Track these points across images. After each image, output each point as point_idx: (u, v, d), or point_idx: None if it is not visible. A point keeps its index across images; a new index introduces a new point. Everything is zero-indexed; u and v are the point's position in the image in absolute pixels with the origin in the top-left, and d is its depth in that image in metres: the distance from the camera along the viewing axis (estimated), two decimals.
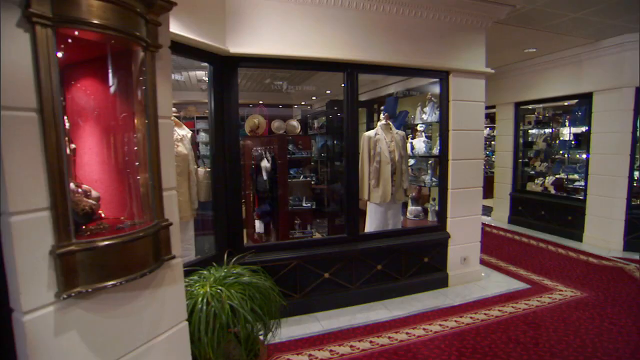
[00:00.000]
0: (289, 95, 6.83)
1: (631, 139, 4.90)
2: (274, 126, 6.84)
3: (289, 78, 6.56)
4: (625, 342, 2.93)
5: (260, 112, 5.72)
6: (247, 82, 6.87)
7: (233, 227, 3.23)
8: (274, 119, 6.79)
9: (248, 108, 6.41)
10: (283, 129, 6.50)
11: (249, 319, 2.09)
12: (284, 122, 6.63)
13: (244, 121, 5.79)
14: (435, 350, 2.84)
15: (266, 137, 4.47)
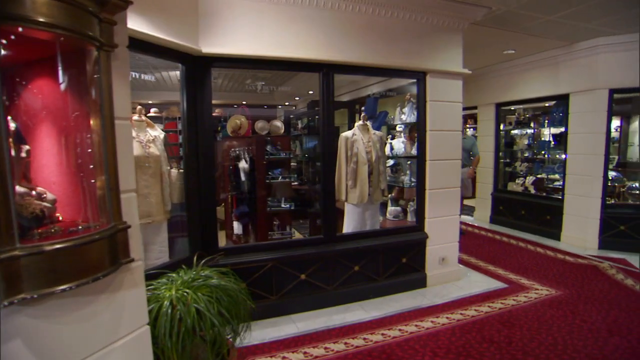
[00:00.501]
0: (272, 95, 6.81)
1: (605, 139, 4.99)
2: (257, 127, 6.79)
3: (270, 78, 6.52)
4: (594, 338, 2.97)
5: (242, 113, 5.68)
6: (229, 82, 6.83)
7: (207, 229, 3.19)
8: (257, 119, 6.75)
9: (232, 108, 6.37)
10: (266, 130, 6.45)
11: (215, 322, 2.05)
12: (268, 123, 6.60)
13: (226, 122, 5.75)
14: (409, 351, 2.84)
15: (244, 138, 4.42)
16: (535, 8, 3.84)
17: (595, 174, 5.10)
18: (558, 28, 4.43)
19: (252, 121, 6.70)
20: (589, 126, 5.11)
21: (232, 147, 4.45)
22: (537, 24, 4.29)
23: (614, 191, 5.38)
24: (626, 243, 5.00)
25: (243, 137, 4.91)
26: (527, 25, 4.38)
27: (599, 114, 5.00)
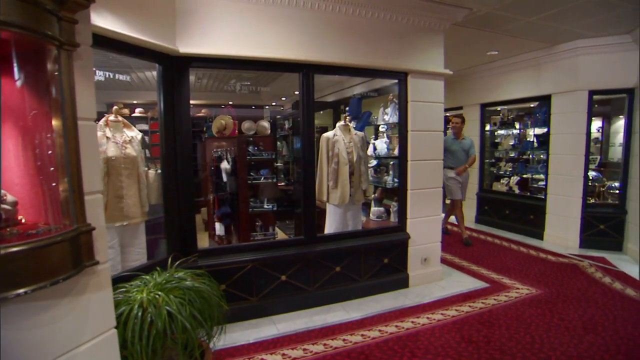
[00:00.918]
0: (258, 95, 6.78)
1: (585, 140, 5.06)
2: (244, 127, 6.76)
3: (255, 78, 6.47)
4: (570, 336, 3.01)
5: (227, 113, 5.65)
6: (214, 82, 6.78)
7: (186, 230, 3.16)
8: (244, 119, 6.72)
9: (220, 108, 6.34)
10: (253, 130, 6.43)
11: (187, 325, 2.03)
12: (255, 123, 6.56)
13: (212, 122, 5.72)
14: (388, 352, 2.84)
15: (226, 139, 4.39)
16: (516, 10, 3.88)
17: (576, 174, 5.17)
18: (539, 30, 4.48)
19: (239, 121, 6.68)
20: (570, 127, 5.18)
21: (215, 147, 4.42)
22: (518, 25, 4.33)
23: (594, 191, 5.46)
24: (606, 241, 5.08)
25: (227, 137, 4.89)
26: (508, 27, 4.41)
27: (580, 115, 5.06)
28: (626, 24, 4.34)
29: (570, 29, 4.41)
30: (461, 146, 5.60)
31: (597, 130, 7.18)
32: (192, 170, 3.21)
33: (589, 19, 4.12)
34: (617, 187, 5.26)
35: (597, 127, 7.19)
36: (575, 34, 4.62)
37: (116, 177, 2.86)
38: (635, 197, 4.80)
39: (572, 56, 5.01)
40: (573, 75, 5.05)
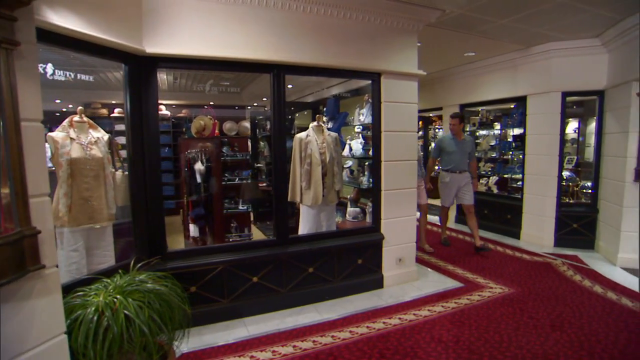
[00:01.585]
0: (239, 96, 6.74)
1: (559, 140, 5.14)
2: (226, 127, 6.72)
3: (235, 78, 6.43)
4: (537, 334, 3.05)
5: (207, 114, 5.60)
6: (192, 82, 6.71)
7: (154, 232, 3.12)
8: (226, 120, 6.68)
9: (200, 109, 6.28)
10: (235, 131, 6.39)
11: (144, 329, 2.00)
12: (236, 124, 6.52)
13: (191, 122, 5.66)
14: (356, 352, 2.83)
15: (200, 139, 4.35)
16: (487, 11, 3.91)
17: (551, 174, 5.25)
18: (512, 32, 4.54)
19: (221, 122, 6.63)
20: (545, 127, 5.26)
21: (189, 148, 4.37)
22: (491, 27, 4.38)
23: (568, 190, 5.55)
24: (579, 240, 5.17)
25: (202, 138, 4.84)
26: (482, 29, 4.46)
27: (554, 116, 5.14)
28: (594, 28, 4.43)
29: (542, 31, 4.48)
30: (461, 147, 5.14)
31: (573, 131, 7.31)
32: (161, 172, 3.16)
33: (558, 23, 4.19)
34: (589, 187, 5.36)
35: (573, 128, 7.32)
36: (548, 36, 4.69)
37: (81, 179, 2.80)
38: (606, 196, 4.89)
39: (545, 58, 5.09)
40: (547, 76, 5.13)
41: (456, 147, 5.13)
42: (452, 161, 5.13)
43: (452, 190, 5.22)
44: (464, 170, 5.17)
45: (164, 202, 3.18)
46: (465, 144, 5.17)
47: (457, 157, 5.12)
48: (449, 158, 5.17)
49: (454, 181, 5.18)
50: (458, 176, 5.18)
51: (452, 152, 5.13)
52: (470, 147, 5.22)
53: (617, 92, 4.60)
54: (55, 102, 5.54)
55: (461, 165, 5.15)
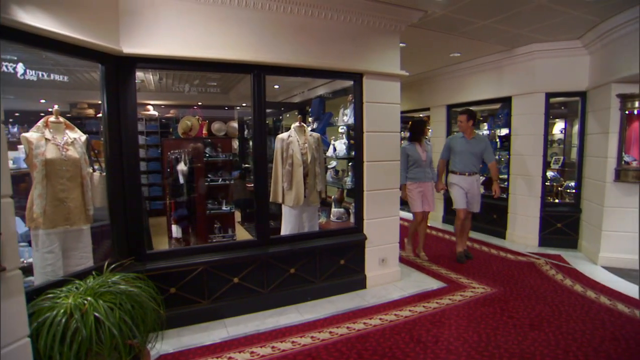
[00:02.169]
0: (227, 96, 6.71)
1: (543, 140, 5.18)
2: (214, 128, 6.70)
3: (221, 79, 6.42)
4: (516, 333, 3.07)
5: (194, 114, 5.58)
6: (179, 83, 6.68)
7: (133, 233, 3.10)
8: (214, 120, 6.65)
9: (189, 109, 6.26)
10: (224, 131, 6.36)
11: (114, 331, 1.98)
12: (225, 124, 6.50)
13: (178, 123, 5.64)
14: (335, 353, 2.83)
15: (183, 140, 4.34)
16: (469, 13, 3.94)
17: (536, 174, 5.29)
18: (495, 33, 4.57)
19: (209, 122, 6.60)
20: (529, 128, 5.30)
21: (172, 149, 4.35)
22: (474, 28, 4.41)
23: (552, 190, 5.60)
24: (562, 239, 5.22)
25: (189, 139, 4.83)
26: (465, 29, 4.48)
27: (538, 117, 5.19)
28: (574, 30, 4.47)
29: (524, 33, 4.52)
30: (470, 147, 4.70)
31: (560, 131, 7.38)
32: (140, 173, 3.15)
33: (539, 24, 4.23)
34: (573, 187, 5.40)
35: (560, 129, 7.39)
36: (531, 37, 4.73)
37: (56, 180, 2.76)
38: (588, 196, 4.94)
39: (529, 59, 5.14)
40: (530, 77, 5.17)
41: (465, 147, 4.73)
42: (460, 162, 4.75)
43: (461, 191, 4.75)
44: (473, 172, 4.73)
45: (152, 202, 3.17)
46: (475, 143, 4.72)
47: (465, 157, 4.71)
48: (456, 159, 4.79)
49: (462, 183, 4.74)
50: (467, 179, 4.71)
51: (460, 153, 4.74)
52: (481, 147, 4.71)
53: (598, 94, 4.65)
54: (40, 102, 5.50)
55: (470, 167, 4.71)
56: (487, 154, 4.75)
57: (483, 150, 4.72)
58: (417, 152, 4.72)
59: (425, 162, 4.74)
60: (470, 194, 4.74)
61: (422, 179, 4.74)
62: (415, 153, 4.72)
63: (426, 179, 4.76)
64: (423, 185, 4.75)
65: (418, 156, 4.71)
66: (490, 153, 4.75)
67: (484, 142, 4.78)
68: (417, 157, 4.71)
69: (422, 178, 4.74)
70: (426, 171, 4.76)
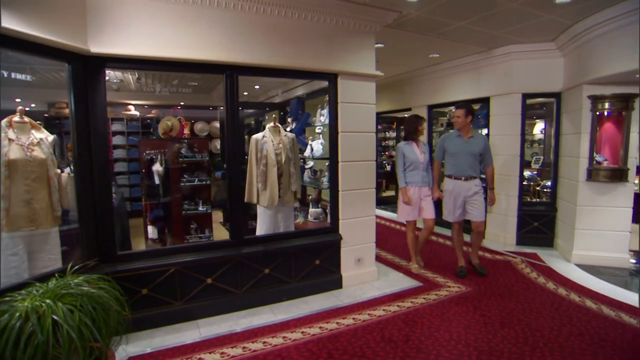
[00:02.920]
0: (210, 96, 6.68)
1: (520, 141, 5.26)
2: (197, 128, 6.66)
3: (202, 79, 6.39)
4: (487, 331, 3.11)
5: (174, 114, 5.54)
6: (160, 83, 6.63)
7: (104, 235, 3.07)
8: (197, 120, 6.61)
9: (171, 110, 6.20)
10: (206, 131, 6.34)
11: (72, 334, 1.95)
12: (208, 124, 6.47)
13: (158, 123, 5.60)
14: (305, 353, 2.83)
15: (159, 141, 4.31)
16: (444, 14, 3.97)
17: (513, 174, 5.36)
18: (471, 34, 4.61)
19: (192, 123, 6.56)
20: (507, 128, 5.37)
21: (148, 149, 4.32)
22: (450, 29, 4.45)
23: (529, 189, 5.68)
24: (539, 238, 5.30)
25: (164, 139, 4.80)
26: (442, 31, 4.52)
27: (515, 117, 5.26)
28: (548, 32, 4.55)
29: (499, 34, 4.57)
30: (468, 148, 4.10)
31: (540, 131, 7.49)
32: (109, 173, 3.11)
33: (513, 26, 4.28)
34: (549, 186, 5.49)
35: (540, 129, 7.50)
36: (507, 39, 4.79)
37: (21, 181, 2.72)
38: (563, 195, 5.03)
39: (506, 60, 5.20)
40: (507, 78, 5.24)
41: (461, 147, 4.10)
42: (455, 165, 4.15)
43: (456, 201, 4.19)
44: (470, 176, 4.11)
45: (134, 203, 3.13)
46: (474, 143, 4.10)
47: (461, 159, 4.11)
48: (451, 161, 4.19)
49: (457, 190, 4.16)
50: (463, 184, 4.13)
51: (456, 154, 4.14)
52: (479, 148, 4.11)
53: (571, 95, 4.74)
54: (15, 101, 5.41)
55: (466, 170, 4.11)
56: (487, 156, 4.19)
57: (482, 151, 4.13)
58: (414, 152, 4.28)
59: (423, 165, 4.27)
60: (469, 202, 4.17)
61: (419, 183, 4.28)
62: (412, 153, 4.27)
63: (423, 183, 4.31)
64: (420, 191, 4.32)
65: (415, 157, 4.26)
66: (489, 155, 4.20)
67: (484, 141, 4.19)
68: (414, 158, 4.26)
69: (418, 182, 4.27)
70: (424, 175, 4.30)
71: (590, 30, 4.04)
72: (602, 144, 4.39)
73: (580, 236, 4.54)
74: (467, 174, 4.13)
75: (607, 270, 4.39)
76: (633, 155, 4.30)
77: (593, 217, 4.47)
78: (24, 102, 6.09)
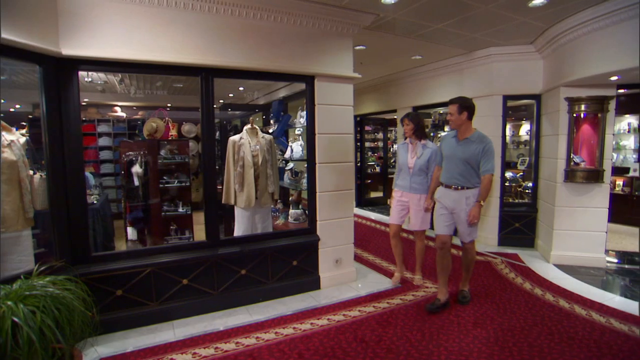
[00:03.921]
0: (197, 98, 6.68)
1: (501, 142, 5.30)
2: (184, 129, 6.66)
3: (186, 81, 6.41)
4: (459, 331, 3.14)
5: (159, 116, 5.55)
6: (145, 84, 6.64)
7: (76, 236, 3.07)
8: (184, 122, 6.60)
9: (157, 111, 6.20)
10: (194, 133, 6.34)
11: (32, 336, 1.96)
12: (196, 126, 6.48)
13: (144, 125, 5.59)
14: (277, 353, 2.85)
15: (137, 142, 4.31)
16: (420, 16, 4.01)
17: (495, 175, 5.38)
18: (450, 36, 4.65)
19: (179, 124, 6.56)
20: (488, 129, 5.34)
21: (128, 151, 4.33)
22: (429, 31, 4.48)
23: (511, 190, 5.72)
24: (520, 239, 5.34)
25: (143, 141, 4.80)
26: (421, 33, 4.56)
27: (496, 119, 5.30)
28: (526, 35, 4.59)
29: (478, 37, 4.61)
30: (459, 151, 3.35)
31: (526, 133, 7.56)
32: (83, 175, 3.12)
33: (490, 29, 4.33)
34: (530, 187, 5.54)
35: (526, 130, 7.57)
36: (487, 41, 4.83)
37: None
38: (543, 196, 5.07)
39: (487, 62, 5.25)
40: (488, 80, 5.28)
41: (452, 151, 3.40)
42: (446, 170, 3.47)
43: (445, 213, 3.49)
44: (462, 186, 3.36)
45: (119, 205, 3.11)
46: (465, 146, 3.34)
47: (451, 164, 3.41)
48: (444, 165, 3.52)
49: (444, 200, 3.48)
50: (451, 194, 3.42)
51: (448, 158, 3.46)
52: (473, 152, 3.31)
53: (550, 97, 4.79)
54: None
55: (456, 178, 3.38)
56: (483, 162, 3.31)
57: (478, 156, 3.30)
58: (406, 154, 3.91)
59: (413, 170, 3.83)
60: (456, 215, 3.43)
61: (406, 189, 3.90)
62: (402, 155, 3.93)
63: (412, 190, 3.86)
64: (406, 197, 3.95)
65: (403, 160, 3.92)
66: (487, 161, 3.30)
67: (482, 144, 3.31)
68: (402, 161, 3.93)
69: (405, 187, 3.91)
70: (414, 180, 3.85)
71: (565, 33, 4.09)
72: (580, 146, 4.43)
73: (559, 236, 4.59)
74: (457, 182, 3.38)
75: (584, 270, 4.44)
76: (608, 156, 4.35)
77: (571, 218, 4.51)
78: (8, 102, 6.10)
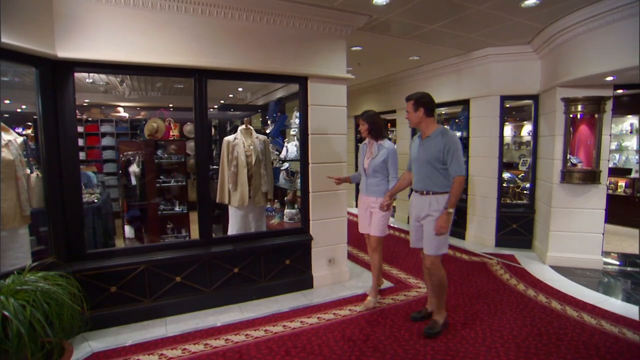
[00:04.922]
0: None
1: (499, 142, 5.28)
2: (186, 129, 6.77)
3: (186, 82, 6.47)
4: (447, 331, 3.15)
5: (160, 116, 5.64)
6: (147, 85, 6.74)
7: (72, 234, 3.15)
8: (185, 122, 6.71)
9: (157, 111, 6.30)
10: None
11: (21, 329, 2.03)
12: None
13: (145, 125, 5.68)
14: (264, 350, 2.89)
15: (135, 142, 4.40)
16: (413, 17, 4.02)
17: (492, 176, 5.39)
18: (446, 37, 4.66)
19: (181, 124, 6.66)
20: (486, 130, 5.40)
21: (126, 151, 4.41)
22: (424, 32, 4.49)
23: (509, 191, 5.70)
24: (517, 240, 5.32)
25: (140, 141, 4.89)
26: (417, 33, 4.57)
27: (493, 119, 5.29)
28: (523, 35, 4.58)
29: (474, 37, 4.61)
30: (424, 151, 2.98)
31: (527, 133, 7.50)
32: (78, 174, 3.20)
33: (485, 29, 4.32)
34: (528, 188, 5.51)
35: (528, 131, 7.51)
36: (484, 42, 4.83)
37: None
38: (540, 197, 5.04)
39: (484, 63, 5.24)
40: (486, 81, 5.27)
41: (416, 152, 3.07)
42: (415, 174, 3.12)
43: (416, 224, 3.16)
44: (427, 190, 2.99)
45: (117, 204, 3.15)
46: (427, 145, 2.96)
47: (417, 167, 3.07)
48: (413, 170, 3.17)
49: (412, 206, 3.18)
50: (418, 199, 3.08)
51: (414, 160, 3.12)
52: (434, 152, 2.91)
53: (546, 97, 4.76)
54: (5, 102, 5.55)
55: (423, 182, 3.02)
56: (449, 162, 2.88)
57: (441, 155, 2.88)
58: (361, 154, 3.64)
59: (368, 171, 3.50)
60: (420, 222, 3.10)
61: (362, 191, 3.60)
62: (360, 156, 3.67)
63: (368, 192, 3.53)
64: (364, 200, 3.59)
65: (360, 160, 3.66)
66: (453, 162, 2.87)
67: (443, 142, 2.88)
68: (360, 162, 3.67)
69: (362, 190, 3.61)
70: (369, 182, 3.51)
71: (561, 33, 4.08)
72: (577, 146, 4.41)
73: (555, 238, 4.56)
74: (421, 186, 3.04)
75: (580, 271, 4.41)
76: (605, 157, 4.32)
77: (567, 219, 4.49)
78: (14, 103, 6.23)
